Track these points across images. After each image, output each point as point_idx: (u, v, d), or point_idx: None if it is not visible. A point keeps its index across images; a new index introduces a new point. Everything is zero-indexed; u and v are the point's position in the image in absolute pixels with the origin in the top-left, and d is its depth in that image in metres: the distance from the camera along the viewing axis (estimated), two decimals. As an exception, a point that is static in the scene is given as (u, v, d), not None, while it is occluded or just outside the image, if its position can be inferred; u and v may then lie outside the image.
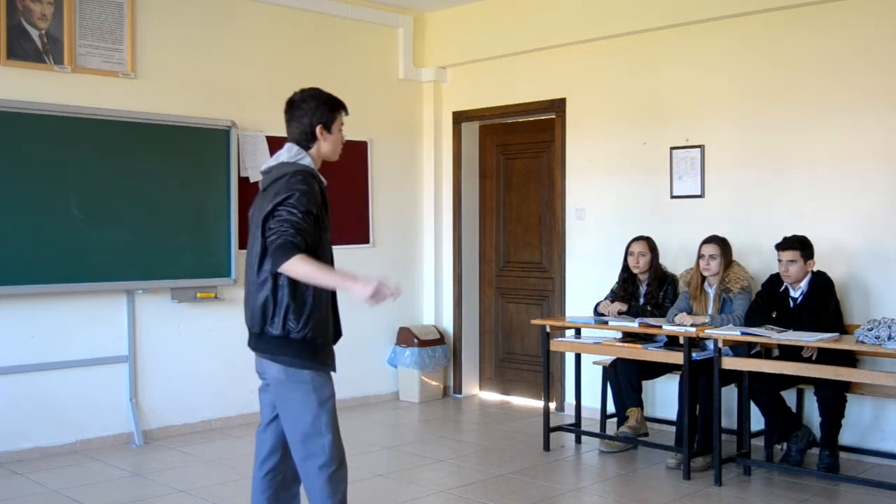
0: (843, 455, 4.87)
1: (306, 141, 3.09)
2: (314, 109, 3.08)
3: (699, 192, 5.70)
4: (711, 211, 5.63)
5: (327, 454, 2.98)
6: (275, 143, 6.15)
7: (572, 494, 4.57)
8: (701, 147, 5.69)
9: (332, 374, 3.08)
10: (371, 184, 6.83)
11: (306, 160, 3.04)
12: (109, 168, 5.38)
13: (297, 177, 2.96)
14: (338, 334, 3.16)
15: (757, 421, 4.91)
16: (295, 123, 3.10)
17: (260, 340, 3.02)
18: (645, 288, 5.40)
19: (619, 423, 5.28)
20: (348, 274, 2.93)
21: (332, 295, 3.10)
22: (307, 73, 6.39)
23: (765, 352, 4.96)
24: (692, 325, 4.75)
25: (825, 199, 5.18)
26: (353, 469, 3.34)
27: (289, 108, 3.12)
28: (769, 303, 4.86)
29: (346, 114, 3.19)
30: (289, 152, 3.06)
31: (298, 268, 2.84)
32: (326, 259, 3.03)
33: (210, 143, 5.80)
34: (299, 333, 2.94)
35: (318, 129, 3.08)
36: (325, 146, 3.12)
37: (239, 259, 5.93)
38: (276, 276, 2.93)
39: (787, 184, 5.33)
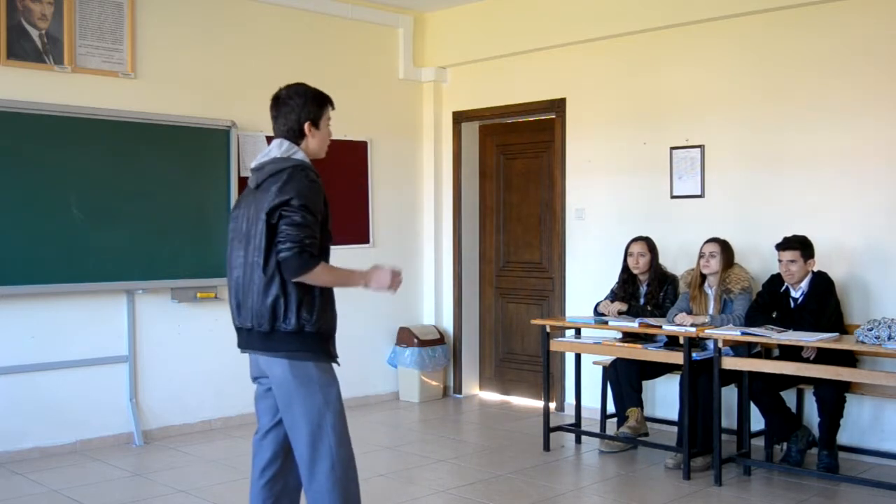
0: (842, 455, 4.87)
1: (294, 138, 3.01)
2: (301, 106, 3.00)
3: (699, 192, 5.70)
4: (711, 211, 5.63)
5: (334, 456, 2.91)
6: (275, 143, 6.16)
7: (572, 494, 4.57)
8: (701, 147, 5.69)
9: (336, 369, 3.01)
10: (371, 184, 6.83)
11: (299, 154, 2.97)
12: (109, 168, 5.38)
13: (301, 173, 2.89)
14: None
15: (757, 421, 4.91)
16: (282, 120, 3.01)
17: (269, 339, 2.91)
18: (645, 288, 5.40)
19: (619, 423, 5.28)
20: (356, 272, 2.99)
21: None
22: (307, 73, 6.34)
23: (765, 352, 4.96)
24: (692, 325, 4.75)
25: (825, 199, 5.18)
26: (353, 469, 3.33)
27: (275, 105, 3.03)
28: (770, 303, 4.86)
29: (333, 108, 3.11)
30: (279, 147, 2.98)
31: (319, 278, 2.87)
32: (327, 254, 3.00)
33: (210, 143, 5.80)
34: (314, 326, 2.88)
35: (306, 125, 3.00)
36: (313, 143, 3.04)
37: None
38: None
39: (788, 184, 5.33)
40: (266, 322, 2.89)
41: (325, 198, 2.97)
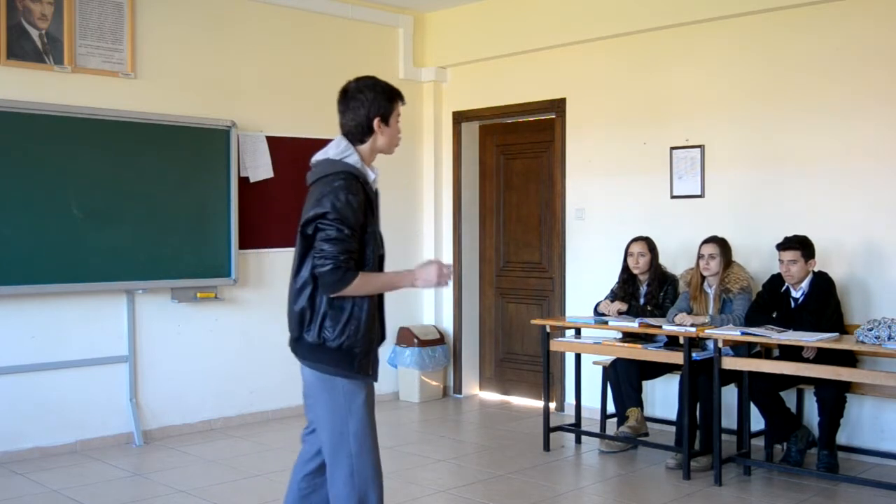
0: (843, 455, 4.88)
1: (361, 134, 2.91)
2: (371, 100, 2.90)
3: (699, 192, 5.70)
4: (711, 211, 5.63)
5: (353, 464, 2.84)
6: (275, 143, 6.16)
7: (572, 494, 4.57)
8: (701, 147, 5.69)
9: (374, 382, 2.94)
10: (371, 184, 6.82)
11: (352, 158, 2.87)
12: (109, 168, 5.37)
13: (339, 182, 2.79)
14: (382, 337, 3.04)
15: (757, 421, 4.91)
16: (350, 115, 2.90)
17: (298, 345, 2.89)
18: (645, 288, 5.40)
19: (619, 423, 5.28)
20: (401, 274, 2.91)
21: (380, 298, 2.98)
22: (307, 74, 6.41)
23: (765, 352, 4.96)
24: (692, 325, 4.75)
25: (825, 198, 5.18)
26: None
27: (343, 98, 2.92)
28: (770, 303, 4.86)
29: (404, 103, 3.01)
30: (336, 147, 2.89)
31: (361, 289, 2.78)
32: (374, 259, 2.89)
33: (210, 143, 5.80)
34: (335, 342, 2.80)
35: (375, 121, 2.91)
36: (381, 140, 2.95)
37: (239, 259, 5.93)
38: (314, 281, 2.80)
39: (787, 184, 5.33)
40: (295, 329, 2.88)
41: (373, 204, 2.92)
